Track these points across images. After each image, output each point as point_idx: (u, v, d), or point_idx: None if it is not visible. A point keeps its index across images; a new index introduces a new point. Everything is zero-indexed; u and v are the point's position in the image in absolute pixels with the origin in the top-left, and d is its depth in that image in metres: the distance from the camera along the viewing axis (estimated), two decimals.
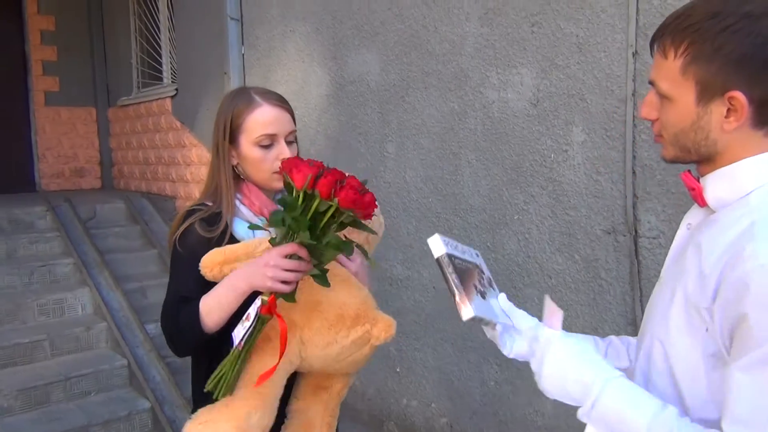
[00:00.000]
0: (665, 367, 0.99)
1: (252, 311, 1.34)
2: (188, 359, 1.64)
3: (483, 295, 1.30)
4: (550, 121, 2.29)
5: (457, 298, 1.20)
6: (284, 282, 1.30)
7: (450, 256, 1.25)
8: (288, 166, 1.28)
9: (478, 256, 1.35)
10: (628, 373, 1.09)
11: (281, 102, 1.54)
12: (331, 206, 1.25)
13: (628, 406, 0.94)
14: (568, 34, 2.20)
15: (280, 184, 1.53)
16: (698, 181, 1.01)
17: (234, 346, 1.34)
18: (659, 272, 2.04)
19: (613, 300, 2.15)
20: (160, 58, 5.56)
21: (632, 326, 2.09)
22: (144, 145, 5.76)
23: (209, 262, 1.40)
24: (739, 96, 0.90)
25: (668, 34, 0.96)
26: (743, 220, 0.90)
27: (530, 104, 2.35)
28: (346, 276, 1.51)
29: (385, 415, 3.16)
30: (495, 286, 1.33)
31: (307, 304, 1.44)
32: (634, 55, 2.01)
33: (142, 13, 5.78)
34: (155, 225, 5.09)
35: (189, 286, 1.43)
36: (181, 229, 1.47)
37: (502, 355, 1.16)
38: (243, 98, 1.52)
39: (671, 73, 0.96)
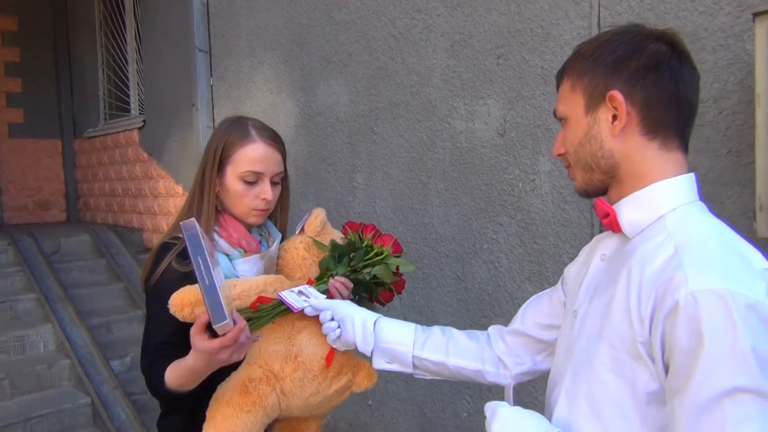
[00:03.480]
0: (590, 409, 0.95)
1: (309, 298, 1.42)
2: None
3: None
4: (517, 150, 2.31)
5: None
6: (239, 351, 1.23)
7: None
8: (355, 227, 1.60)
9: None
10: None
11: (275, 142, 1.53)
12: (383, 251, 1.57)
13: None
14: (533, 66, 2.24)
15: (255, 220, 1.52)
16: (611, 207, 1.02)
17: (284, 304, 1.38)
18: None
19: None
20: (128, 89, 5.52)
21: None
22: (111, 177, 5.68)
23: (179, 302, 1.31)
24: (617, 94, 0.95)
25: (563, 71, 1.06)
26: (666, 246, 0.89)
27: (497, 134, 2.37)
28: None
29: None
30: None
31: (288, 355, 1.40)
32: None
33: (110, 44, 5.76)
34: (122, 258, 4.99)
35: (168, 328, 1.36)
36: (160, 269, 1.42)
37: (475, 386, 1.15)
38: (239, 129, 1.50)
39: (564, 94, 1.04)
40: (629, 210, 0.98)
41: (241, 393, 1.36)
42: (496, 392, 2.34)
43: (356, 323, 1.38)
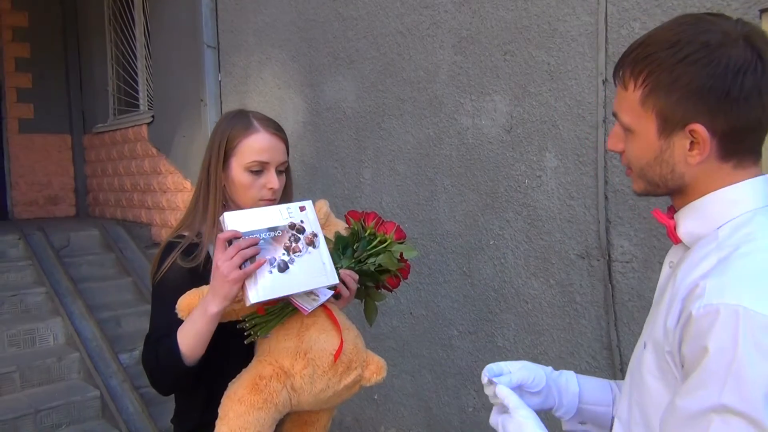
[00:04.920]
0: (640, 413, 0.94)
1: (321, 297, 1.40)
2: None
3: (285, 266, 1.32)
4: (523, 147, 2.32)
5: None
6: (242, 267, 1.28)
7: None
8: (357, 216, 1.59)
9: (288, 213, 1.38)
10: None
11: (278, 131, 1.54)
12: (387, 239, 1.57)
13: None
14: (540, 62, 2.24)
15: None
16: (671, 216, 0.97)
17: (292, 303, 1.37)
18: (633, 296, 2.06)
19: (589, 324, 2.16)
20: (137, 85, 5.54)
21: (607, 350, 2.10)
22: (119, 172, 5.71)
23: (185, 305, 1.36)
24: (700, 129, 0.87)
25: (628, 65, 0.93)
26: (711, 257, 0.86)
27: (504, 131, 2.38)
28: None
29: None
30: (317, 237, 1.38)
31: (298, 351, 1.41)
32: (604, 82, 2.05)
33: (119, 40, 5.78)
34: (130, 253, 5.02)
35: (172, 324, 1.38)
36: (165, 267, 1.44)
37: (480, 381, 1.15)
38: (241, 121, 1.52)
39: (632, 104, 0.93)
40: (687, 220, 0.94)
41: (252, 390, 1.37)
42: None
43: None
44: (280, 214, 1.36)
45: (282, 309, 1.39)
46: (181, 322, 1.36)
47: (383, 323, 2.94)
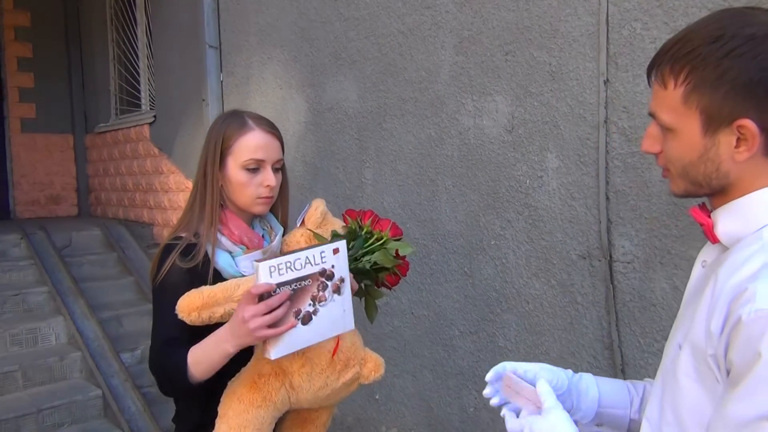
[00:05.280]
0: (672, 414, 0.92)
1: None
2: None
3: (309, 318, 1.32)
4: (525, 147, 2.32)
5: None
6: (272, 325, 1.26)
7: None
8: (354, 214, 1.60)
9: (321, 257, 1.34)
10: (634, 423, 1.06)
11: (273, 129, 1.55)
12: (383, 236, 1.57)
13: None
14: (541, 63, 2.24)
15: (260, 209, 1.54)
16: (709, 215, 0.95)
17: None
18: (634, 297, 2.06)
19: (590, 324, 2.16)
20: (139, 84, 5.55)
21: (609, 351, 2.10)
22: (122, 171, 5.72)
23: (186, 307, 1.35)
24: (749, 124, 0.84)
25: (667, 62, 0.90)
26: (756, 258, 0.84)
27: (505, 131, 2.38)
28: None
29: None
30: (344, 282, 1.37)
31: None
32: (605, 83, 2.05)
33: (121, 39, 5.79)
34: (132, 252, 5.03)
35: (175, 327, 1.39)
36: (164, 269, 1.45)
37: (482, 381, 1.13)
38: (235, 121, 1.53)
39: (672, 103, 0.90)
40: (726, 220, 0.91)
41: (251, 389, 1.38)
42: None
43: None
44: (313, 259, 1.32)
45: None
46: (183, 324, 1.37)
47: (385, 323, 2.94)
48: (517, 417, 1.04)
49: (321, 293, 1.33)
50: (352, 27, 3.05)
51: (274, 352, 1.28)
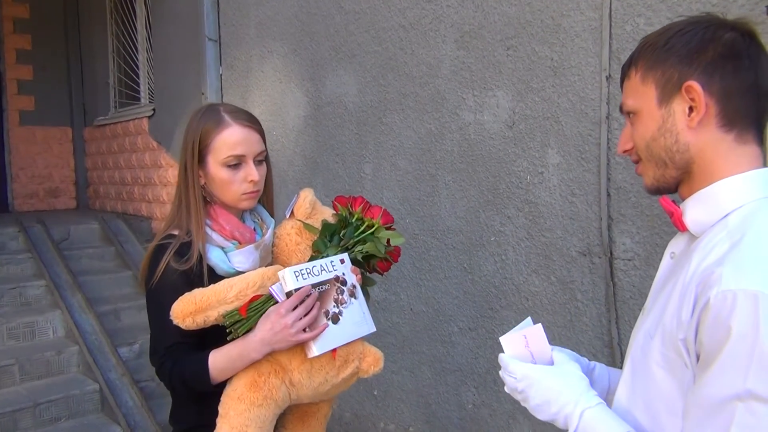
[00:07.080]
0: (643, 401, 0.95)
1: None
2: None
3: (337, 318, 1.42)
4: (525, 143, 2.30)
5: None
6: (305, 329, 1.35)
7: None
8: (344, 201, 1.59)
9: (332, 266, 1.45)
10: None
11: (251, 122, 1.52)
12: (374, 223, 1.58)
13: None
14: (543, 58, 2.22)
15: (247, 204, 1.52)
16: (678, 206, 0.99)
17: (275, 297, 1.40)
18: (634, 294, 2.05)
19: (590, 322, 2.15)
20: (138, 77, 5.53)
21: (608, 348, 2.09)
22: (120, 165, 5.70)
23: (180, 312, 1.36)
24: (695, 85, 0.91)
25: (630, 64, 1.01)
26: (722, 244, 0.88)
27: (506, 126, 2.36)
28: None
29: None
30: (356, 288, 1.47)
31: (294, 347, 1.41)
32: (607, 78, 2.03)
33: (120, 32, 5.76)
34: (130, 246, 5.01)
35: (178, 331, 1.38)
36: (159, 271, 1.42)
37: (481, 378, 1.14)
38: (212, 117, 1.49)
39: (634, 87, 0.99)
40: (694, 209, 0.96)
41: (251, 388, 1.37)
42: (501, 384, 2.34)
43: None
44: (327, 267, 1.44)
45: (264, 303, 1.40)
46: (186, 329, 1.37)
47: (383, 319, 2.93)
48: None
49: (340, 296, 1.44)
50: (352, 20, 3.03)
51: (315, 349, 1.38)
